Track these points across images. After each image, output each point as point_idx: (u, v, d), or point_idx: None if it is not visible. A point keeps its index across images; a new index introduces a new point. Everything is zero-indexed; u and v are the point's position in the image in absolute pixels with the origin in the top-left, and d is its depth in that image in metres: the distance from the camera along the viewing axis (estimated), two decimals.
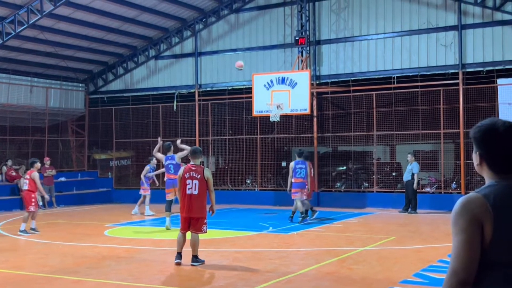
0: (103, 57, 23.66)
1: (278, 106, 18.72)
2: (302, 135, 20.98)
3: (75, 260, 10.10)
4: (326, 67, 20.45)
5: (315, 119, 20.28)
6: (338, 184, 20.60)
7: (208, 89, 22.41)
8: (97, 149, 25.07)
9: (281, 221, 15.31)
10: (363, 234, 13.15)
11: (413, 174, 17.01)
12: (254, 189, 21.18)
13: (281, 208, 18.09)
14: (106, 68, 24.32)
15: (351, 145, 20.33)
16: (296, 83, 18.64)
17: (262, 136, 21.14)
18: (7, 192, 19.89)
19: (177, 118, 22.68)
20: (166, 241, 12.31)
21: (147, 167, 17.72)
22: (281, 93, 18.76)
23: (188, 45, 22.90)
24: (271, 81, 19.06)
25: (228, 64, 22.00)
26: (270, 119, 19.03)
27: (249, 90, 20.10)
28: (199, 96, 22.34)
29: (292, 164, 15.03)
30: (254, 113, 19.50)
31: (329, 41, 20.39)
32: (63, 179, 22.14)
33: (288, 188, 15.20)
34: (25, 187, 13.62)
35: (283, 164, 19.32)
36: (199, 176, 9.19)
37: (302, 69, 19.54)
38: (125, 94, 24.06)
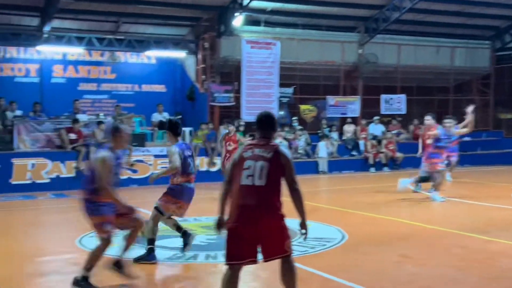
0: (510, 11, 22.27)
1: None
2: None
3: (483, 220, 10.04)
4: None
5: None
6: None
7: None
8: (503, 108, 24.11)
9: None
10: None
11: None
12: None
13: None
14: None
15: None
16: None
17: None
18: None
19: None
20: None
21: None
22: None
23: None
24: None
25: None
26: None
27: None
28: None
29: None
30: None
31: None
32: (467, 138, 22.01)
33: None
34: None
35: None
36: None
37: None
38: None
